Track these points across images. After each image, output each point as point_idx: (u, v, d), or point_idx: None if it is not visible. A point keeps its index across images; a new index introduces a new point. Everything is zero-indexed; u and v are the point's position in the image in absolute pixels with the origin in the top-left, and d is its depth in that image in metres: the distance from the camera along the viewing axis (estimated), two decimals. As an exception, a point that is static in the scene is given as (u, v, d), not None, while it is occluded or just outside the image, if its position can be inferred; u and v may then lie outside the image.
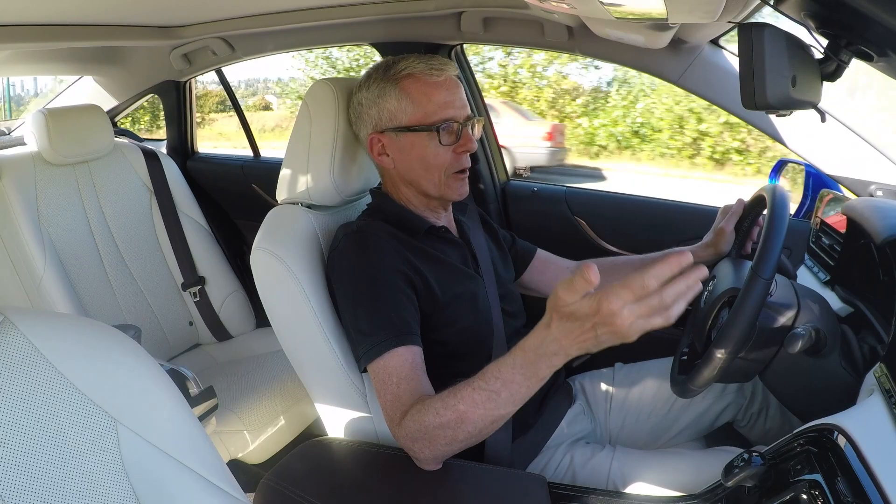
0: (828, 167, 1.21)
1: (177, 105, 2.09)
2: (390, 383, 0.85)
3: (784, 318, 0.83)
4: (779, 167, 1.52)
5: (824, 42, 0.77)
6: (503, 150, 1.83)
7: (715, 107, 1.34)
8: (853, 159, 1.17)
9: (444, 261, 1.00)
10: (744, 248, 1.10)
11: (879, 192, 1.15)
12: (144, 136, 2.29)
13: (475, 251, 1.08)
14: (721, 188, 6.56)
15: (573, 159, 8.02)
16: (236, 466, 1.40)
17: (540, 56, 8.36)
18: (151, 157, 1.79)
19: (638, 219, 1.58)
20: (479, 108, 1.69)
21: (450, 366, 0.95)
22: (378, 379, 0.87)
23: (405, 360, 0.86)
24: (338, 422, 1.02)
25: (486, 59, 8.66)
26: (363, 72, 1.04)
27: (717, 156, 7.37)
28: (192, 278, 1.78)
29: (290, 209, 1.05)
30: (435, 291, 0.95)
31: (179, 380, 1.21)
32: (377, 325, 0.88)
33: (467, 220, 1.13)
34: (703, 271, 0.65)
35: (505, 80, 8.69)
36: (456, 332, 0.98)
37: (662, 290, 0.63)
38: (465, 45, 1.62)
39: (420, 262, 0.96)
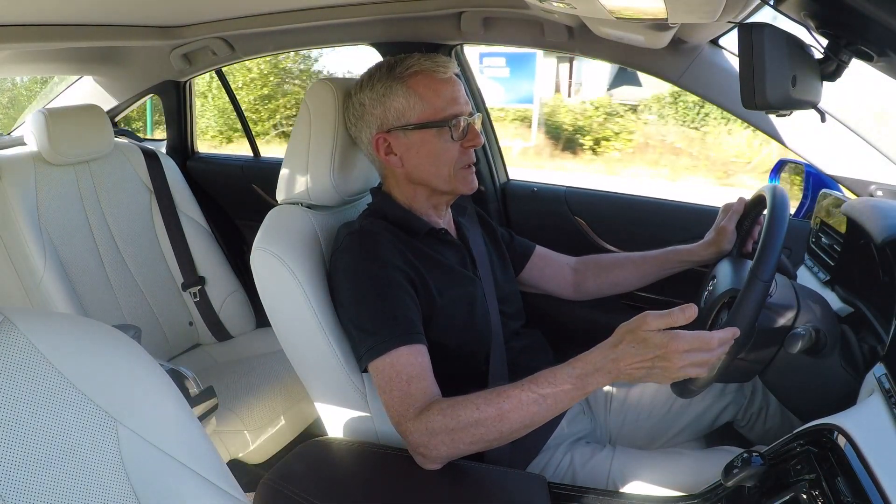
0: (828, 167, 1.21)
1: (177, 105, 2.08)
2: (399, 381, 0.85)
3: (784, 319, 0.83)
4: (779, 167, 1.52)
5: (824, 42, 0.77)
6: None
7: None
8: (853, 159, 1.17)
9: (443, 263, 1.00)
10: (745, 246, 1.10)
11: (879, 192, 1.15)
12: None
13: (473, 253, 1.08)
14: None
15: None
16: (236, 466, 1.40)
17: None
18: (151, 157, 1.79)
19: (638, 219, 1.57)
20: (479, 106, 1.69)
21: (447, 367, 0.95)
22: (383, 377, 0.86)
23: (414, 359, 0.86)
24: (338, 422, 1.02)
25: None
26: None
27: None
28: (192, 278, 1.78)
29: (290, 209, 1.05)
30: (433, 293, 0.95)
31: (179, 380, 1.21)
32: (382, 324, 0.88)
33: (466, 221, 1.13)
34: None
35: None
36: (454, 333, 0.98)
37: (717, 349, 0.75)
38: (464, 45, 1.62)
39: (420, 263, 0.96)
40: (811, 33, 0.78)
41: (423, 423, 0.81)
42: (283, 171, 1.08)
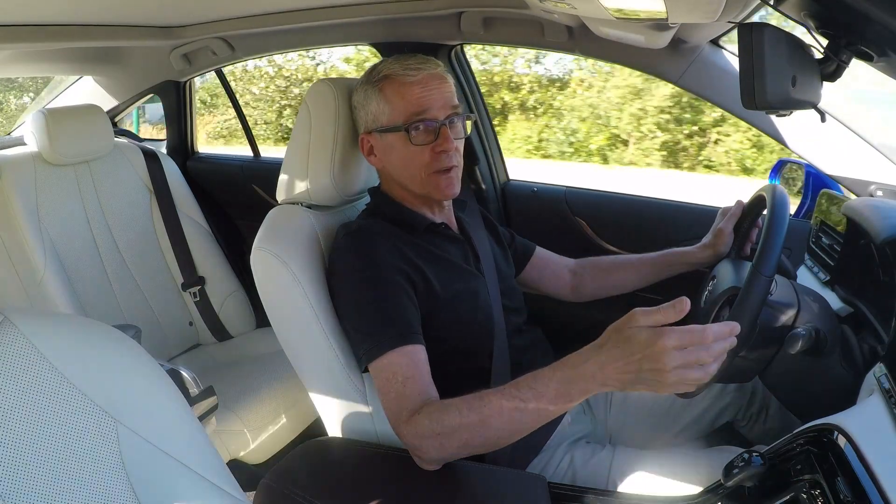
0: (828, 167, 1.21)
1: (177, 105, 2.09)
2: (395, 381, 0.85)
3: (784, 318, 0.83)
4: (779, 167, 1.52)
5: (824, 42, 0.77)
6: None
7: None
8: (853, 159, 1.17)
9: (445, 258, 1.00)
10: (742, 249, 1.10)
11: (879, 192, 1.15)
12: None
13: (476, 248, 1.08)
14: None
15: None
16: (236, 466, 1.40)
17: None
18: (151, 157, 1.79)
19: (638, 219, 1.57)
20: (478, 106, 1.69)
21: (451, 363, 0.95)
22: (381, 377, 0.86)
23: (410, 359, 0.86)
24: (338, 421, 1.02)
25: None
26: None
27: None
28: (192, 278, 1.78)
29: (290, 209, 1.05)
30: (435, 289, 0.95)
31: (179, 380, 1.21)
32: (380, 324, 0.88)
33: (468, 216, 1.13)
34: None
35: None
36: (457, 329, 0.98)
37: (712, 344, 0.64)
38: (464, 45, 1.62)
39: (420, 259, 0.96)
40: (811, 33, 0.78)
41: (414, 426, 0.81)
42: (284, 171, 1.08)
